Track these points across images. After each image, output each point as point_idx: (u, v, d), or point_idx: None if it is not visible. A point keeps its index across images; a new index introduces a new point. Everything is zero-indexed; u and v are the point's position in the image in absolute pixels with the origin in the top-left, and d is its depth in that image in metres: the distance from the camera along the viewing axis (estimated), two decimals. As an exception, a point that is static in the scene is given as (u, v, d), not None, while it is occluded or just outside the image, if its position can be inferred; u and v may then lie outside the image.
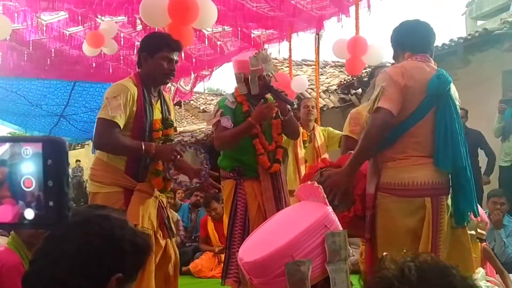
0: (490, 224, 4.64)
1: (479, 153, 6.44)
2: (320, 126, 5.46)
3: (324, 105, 8.98)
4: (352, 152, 2.69)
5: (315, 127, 5.20)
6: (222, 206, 4.28)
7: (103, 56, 7.37)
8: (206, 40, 6.95)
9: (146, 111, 2.91)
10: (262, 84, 3.44)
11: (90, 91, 9.75)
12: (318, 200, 2.22)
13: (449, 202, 2.61)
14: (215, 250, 6.01)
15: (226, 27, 6.93)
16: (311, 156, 4.99)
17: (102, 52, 6.96)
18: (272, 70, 3.49)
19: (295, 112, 4.73)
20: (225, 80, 45.42)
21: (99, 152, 2.95)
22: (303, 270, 1.92)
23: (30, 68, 8.02)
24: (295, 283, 1.91)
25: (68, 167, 0.78)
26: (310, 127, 5.15)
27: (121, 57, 7.87)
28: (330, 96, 9.75)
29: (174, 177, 3.07)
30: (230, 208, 3.51)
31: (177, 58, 3.02)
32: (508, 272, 3.88)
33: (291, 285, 1.92)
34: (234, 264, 3.33)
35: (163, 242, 3.01)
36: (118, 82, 2.98)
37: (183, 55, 6.96)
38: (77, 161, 18.24)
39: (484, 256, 3.69)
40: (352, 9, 5.80)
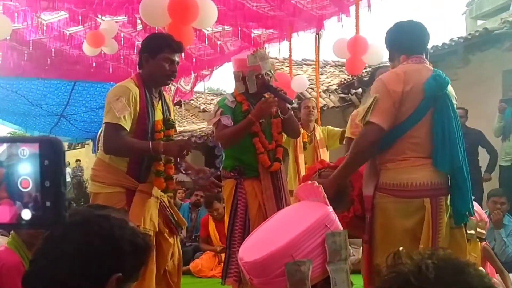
0: (490, 224, 4.65)
1: (480, 153, 6.44)
2: (320, 126, 5.47)
3: (324, 105, 8.96)
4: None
5: (315, 128, 5.20)
6: (224, 206, 4.28)
7: (103, 56, 7.37)
8: (206, 40, 6.94)
9: (149, 112, 2.89)
10: (261, 83, 3.44)
11: (90, 91, 9.75)
12: (319, 200, 2.22)
13: (448, 203, 2.61)
14: (217, 250, 5.99)
15: (226, 27, 6.93)
16: (312, 157, 4.99)
17: (102, 52, 6.96)
18: (270, 68, 3.49)
19: (295, 112, 4.73)
20: (225, 80, 45.43)
21: (101, 153, 2.93)
22: (303, 270, 1.92)
23: (30, 68, 8.02)
24: (295, 283, 1.91)
25: (65, 168, 0.78)
26: (311, 128, 5.15)
27: (121, 57, 7.87)
28: (330, 96, 9.75)
29: (188, 172, 3.05)
30: (231, 208, 3.51)
31: (179, 59, 3.01)
32: (508, 272, 3.88)
33: (291, 285, 1.92)
34: (235, 263, 3.33)
35: (172, 240, 3.02)
36: (119, 84, 2.96)
37: (183, 55, 6.95)
38: (77, 161, 18.24)
39: (484, 256, 3.68)
40: (353, 9, 5.80)
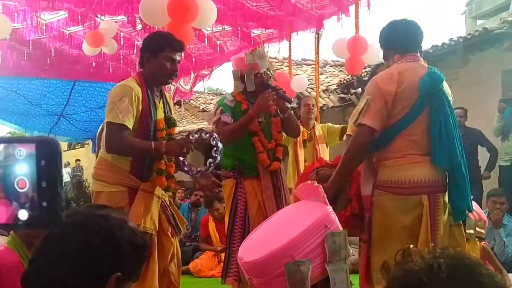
0: (490, 223, 4.64)
1: (479, 153, 6.43)
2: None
3: (324, 105, 8.96)
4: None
5: (315, 125, 5.21)
6: (224, 206, 4.28)
7: (103, 56, 7.36)
8: (206, 40, 6.93)
9: (151, 111, 2.90)
10: (260, 82, 3.44)
11: (90, 91, 9.73)
12: (318, 200, 2.21)
13: (446, 200, 2.62)
14: (217, 249, 5.99)
15: (226, 27, 6.92)
16: (311, 155, 4.99)
17: (102, 52, 6.95)
18: (268, 67, 3.50)
19: (295, 111, 4.73)
20: (225, 80, 45.45)
21: (103, 152, 2.93)
22: (303, 270, 1.92)
23: (30, 68, 8.00)
24: (295, 283, 1.91)
25: (62, 168, 0.78)
26: (311, 126, 5.16)
27: (121, 57, 7.85)
28: (330, 96, 9.75)
29: (190, 167, 3.07)
30: (230, 207, 3.52)
31: (180, 58, 3.02)
32: (507, 272, 3.88)
33: (291, 285, 1.91)
34: (234, 263, 3.34)
35: (173, 240, 3.03)
36: (122, 83, 2.95)
37: (183, 55, 6.95)
38: (77, 161, 18.24)
39: (483, 255, 3.69)
40: (352, 9, 5.79)
